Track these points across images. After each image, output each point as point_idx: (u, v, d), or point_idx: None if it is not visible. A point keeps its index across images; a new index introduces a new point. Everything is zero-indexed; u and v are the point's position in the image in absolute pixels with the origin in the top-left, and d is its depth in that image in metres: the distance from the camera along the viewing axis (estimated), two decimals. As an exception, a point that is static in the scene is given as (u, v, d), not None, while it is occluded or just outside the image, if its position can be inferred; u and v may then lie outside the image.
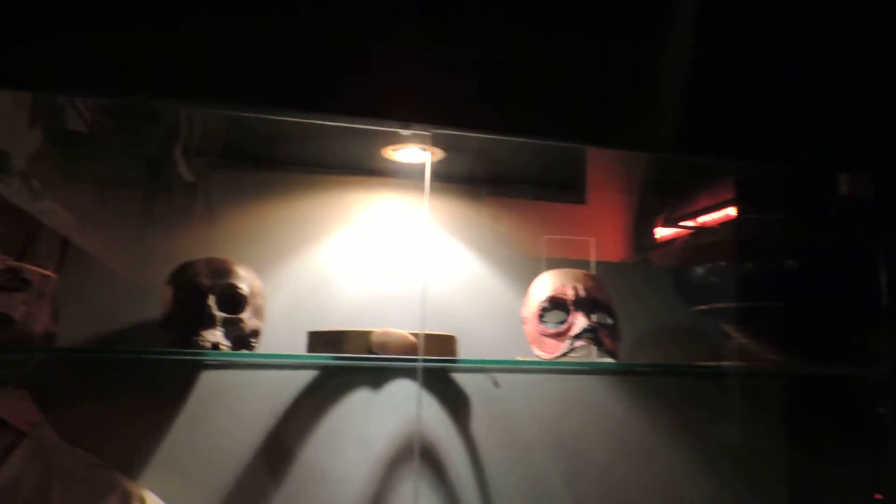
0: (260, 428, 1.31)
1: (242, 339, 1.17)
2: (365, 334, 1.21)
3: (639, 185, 1.66)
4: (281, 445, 1.31)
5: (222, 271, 1.17)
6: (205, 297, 1.14)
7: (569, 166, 1.54)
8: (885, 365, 1.30)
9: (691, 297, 1.48)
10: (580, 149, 1.39)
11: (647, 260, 1.65)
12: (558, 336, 1.25)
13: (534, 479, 1.43)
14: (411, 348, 1.20)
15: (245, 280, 1.19)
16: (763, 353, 1.40)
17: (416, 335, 1.21)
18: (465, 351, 1.32)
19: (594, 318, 1.26)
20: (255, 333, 1.20)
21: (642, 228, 1.65)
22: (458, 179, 1.47)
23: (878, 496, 1.34)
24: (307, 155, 1.37)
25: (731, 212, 1.51)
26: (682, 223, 1.61)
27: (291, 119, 1.11)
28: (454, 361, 1.23)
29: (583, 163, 1.55)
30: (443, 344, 1.25)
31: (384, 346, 1.20)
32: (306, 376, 1.35)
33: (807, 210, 1.45)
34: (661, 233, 1.64)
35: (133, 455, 1.24)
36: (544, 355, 1.26)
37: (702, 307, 1.43)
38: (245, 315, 1.17)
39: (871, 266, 1.35)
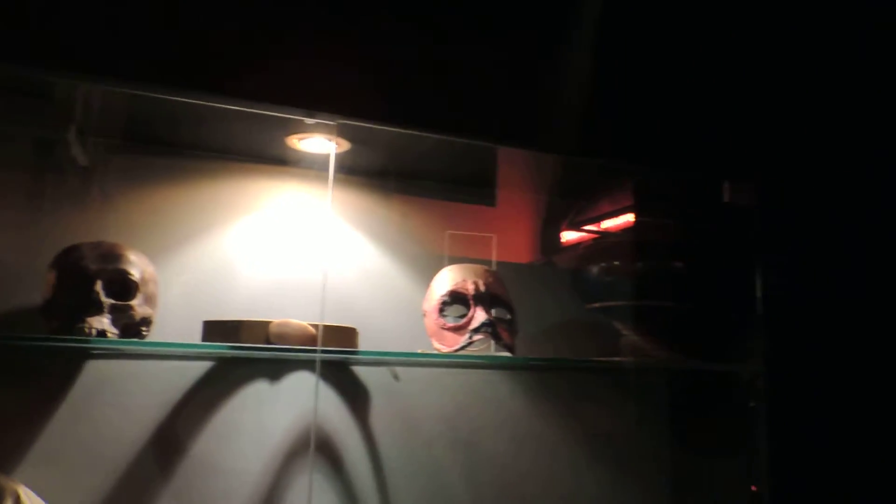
0: (148, 421, 1.26)
1: (132, 327, 1.13)
2: (263, 324, 1.19)
3: (546, 188, 1.70)
4: (171, 439, 1.27)
5: (111, 256, 1.12)
6: (91, 283, 1.09)
7: (478, 168, 1.56)
8: (758, 362, 1.40)
9: (587, 295, 1.54)
10: (490, 150, 1.42)
11: (551, 262, 1.70)
12: (458, 330, 1.27)
13: (432, 472, 1.44)
14: (310, 339, 1.19)
15: (136, 266, 1.14)
16: (651, 349, 1.48)
17: (315, 326, 1.20)
18: (366, 343, 1.33)
19: (493, 312, 1.29)
20: (146, 322, 1.16)
21: (548, 232, 1.70)
22: (364, 172, 1.46)
23: (754, 488, 1.44)
24: (209, 140, 1.33)
25: (630, 217, 1.58)
26: (585, 227, 1.67)
27: (194, 101, 1.07)
28: (353, 353, 1.23)
29: (493, 165, 1.58)
30: (343, 336, 1.25)
31: (283, 336, 1.18)
32: (200, 367, 1.31)
33: (695, 215, 1.54)
34: (566, 236, 1.69)
35: (8, 449, 1.17)
36: (444, 348, 1.28)
37: (596, 305, 1.49)
38: (135, 302, 1.13)
39: (750, 270, 1.45)
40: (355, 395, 1.41)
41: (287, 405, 1.35)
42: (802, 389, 1.42)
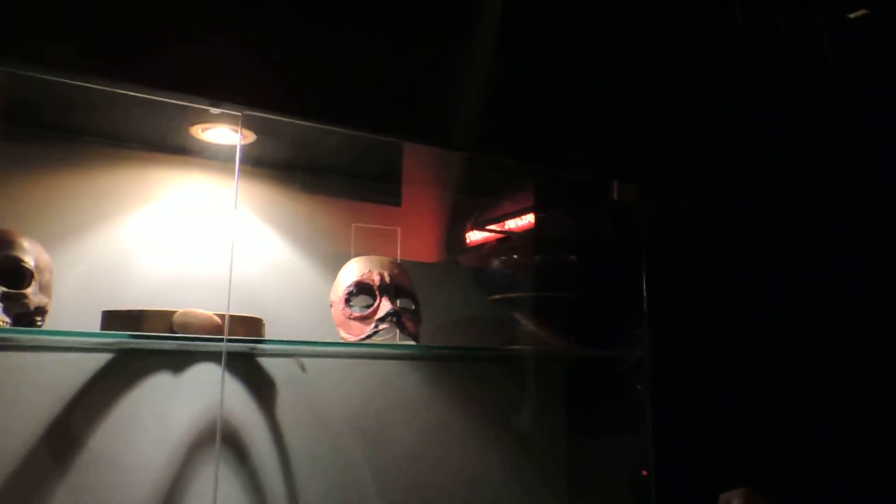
0: (43, 414, 1.22)
1: (25, 316, 1.09)
2: (166, 314, 1.18)
3: (451, 187, 1.76)
4: (67, 433, 1.23)
5: (4, 242, 1.08)
6: (-19, 270, 1.05)
7: (385, 166, 1.59)
8: (643, 348, 1.51)
9: (489, 288, 1.61)
10: (396, 147, 1.45)
11: (455, 261, 1.75)
12: (364, 319, 1.30)
13: (338, 463, 1.46)
14: (216, 329, 1.19)
15: (30, 253, 1.11)
16: (548, 338, 1.56)
17: (221, 316, 1.20)
18: (273, 335, 1.34)
19: (398, 303, 1.33)
20: (41, 311, 1.12)
21: (453, 231, 1.75)
22: (270, 165, 1.47)
23: (644, 472, 1.54)
24: (108, 127, 1.30)
25: (530, 217, 1.65)
26: (488, 227, 1.73)
27: (93, 86, 1.06)
28: (260, 342, 1.24)
29: (398, 166, 1.61)
30: (249, 326, 1.25)
31: (186, 326, 1.17)
32: (99, 359, 1.28)
33: (588, 212, 1.64)
34: (471, 236, 1.75)
35: None
36: (350, 338, 1.30)
37: (497, 297, 1.57)
38: (30, 290, 1.09)
39: (637, 263, 1.56)
40: (261, 387, 1.42)
41: (190, 397, 1.34)
42: (682, 372, 1.54)
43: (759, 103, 1.68)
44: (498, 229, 1.71)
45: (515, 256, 1.56)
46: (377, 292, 1.32)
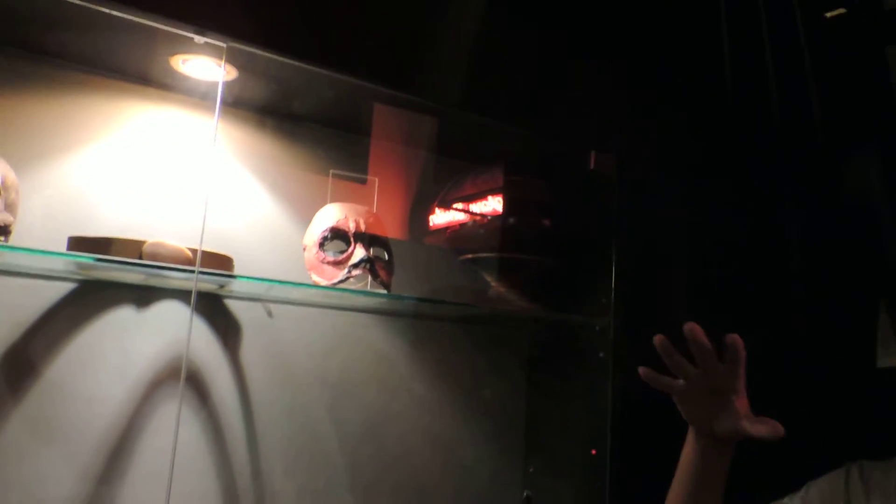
0: (-1, 339, 1.19)
1: (-11, 233, 1.06)
2: (135, 243, 1.15)
3: (428, 148, 1.73)
4: (25, 361, 1.20)
5: (-30, 155, 1.05)
6: (-55, 182, 1.01)
7: (363, 123, 1.57)
8: (609, 316, 1.54)
9: (459, 249, 1.61)
10: (376, 98, 1.44)
11: (426, 222, 1.74)
12: (337, 264, 1.30)
13: (300, 410, 1.46)
14: (186, 262, 1.17)
15: (-3, 169, 1.07)
16: (516, 300, 1.58)
17: (192, 251, 1.18)
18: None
19: (372, 251, 1.33)
20: (4, 230, 1.09)
21: (425, 193, 1.73)
22: (249, 106, 1.44)
23: (594, 451, 1.57)
24: (87, 50, 1.25)
25: (504, 180, 1.65)
26: (462, 188, 1.72)
27: (74, 2, 1.02)
28: (231, 276, 1.22)
29: (366, 146, 1.60)
30: (219, 263, 1.24)
31: (157, 256, 1.15)
32: (62, 288, 1.25)
33: (563, 179, 1.66)
34: (444, 197, 1.73)
35: None
36: (322, 281, 1.30)
37: (468, 256, 1.57)
38: (-6, 207, 1.06)
39: (607, 231, 1.58)
40: (227, 330, 1.40)
41: (154, 334, 1.32)
42: (646, 343, 1.57)
43: (737, 81, 1.72)
44: (472, 191, 1.70)
45: (488, 218, 1.56)
46: (352, 239, 1.31)
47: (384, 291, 1.33)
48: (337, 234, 1.32)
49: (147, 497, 1.28)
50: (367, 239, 1.32)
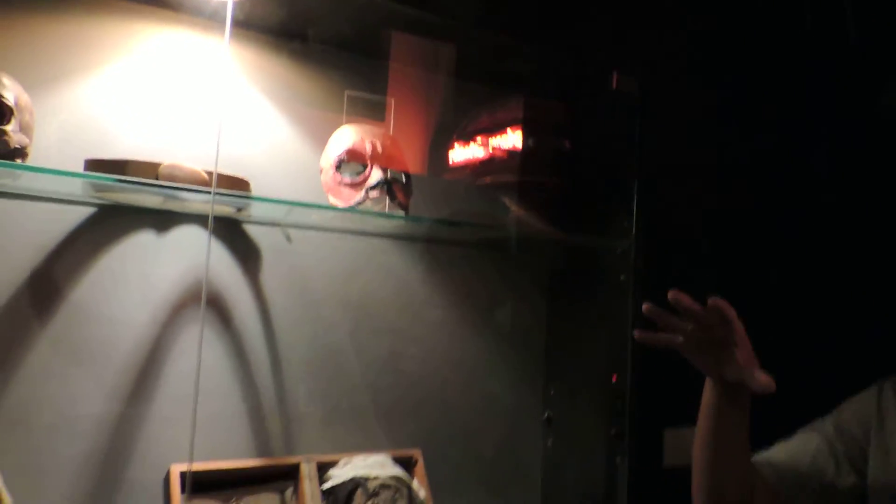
0: (23, 262, 1.20)
1: (6, 155, 1.05)
2: (152, 165, 1.15)
3: (445, 72, 1.68)
4: (47, 283, 1.22)
5: (-19, 75, 1.03)
6: (-42, 102, 1.00)
7: (379, 44, 1.53)
8: (629, 238, 1.52)
9: (480, 171, 1.59)
10: (395, 18, 1.39)
11: (445, 147, 1.71)
12: (354, 186, 1.29)
13: (321, 333, 1.48)
14: (202, 183, 1.16)
15: (10, 90, 1.06)
16: (536, 223, 1.56)
17: (208, 172, 1.18)
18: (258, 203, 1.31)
19: (389, 173, 1.31)
20: (21, 152, 1.09)
21: (444, 117, 1.69)
22: (261, 27, 1.40)
23: (615, 377, 1.57)
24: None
25: (524, 102, 1.60)
26: (482, 114, 1.67)
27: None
28: (248, 198, 1.22)
29: (382, 70, 1.55)
30: (236, 186, 1.23)
31: (173, 178, 1.15)
32: (82, 213, 1.25)
33: (584, 100, 1.61)
34: (457, 151, 1.69)
35: None
36: (340, 203, 1.29)
37: (487, 180, 1.55)
38: (9, 128, 1.05)
39: (629, 153, 1.55)
40: (246, 255, 1.41)
41: (174, 259, 1.33)
42: (667, 266, 1.56)
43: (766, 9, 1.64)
44: (490, 123, 1.66)
45: (508, 147, 1.53)
46: (368, 161, 1.29)
47: (402, 213, 1.32)
48: (353, 156, 1.30)
49: (175, 417, 1.31)
50: (383, 160, 1.30)
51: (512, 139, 1.58)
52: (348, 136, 1.32)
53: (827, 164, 1.74)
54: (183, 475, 1.24)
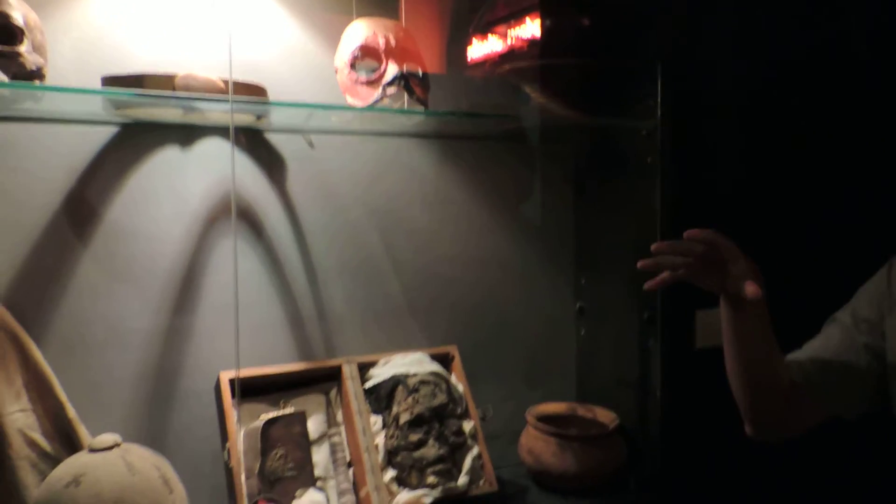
0: (57, 185, 1.23)
1: (24, 77, 1.05)
2: (167, 77, 1.14)
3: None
4: (82, 204, 1.25)
5: (-13, -5, 1.02)
6: (-31, 25, 1.00)
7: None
8: (654, 118, 1.48)
9: (498, 60, 1.55)
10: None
11: (463, 34, 1.65)
12: (370, 84, 1.27)
13: (351, 237, 1.50)
14: (218, 92, 1.16)
15: (17, 10, 1.05)
16: (558, 109, 1.53)
17: (224, 81, 1.17)
18: (276, 109, 1.30)
19: (406, 67, 1.28)
20: (38, 74, 1.08)
21: (455, 41, 1.64)
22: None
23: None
24: None
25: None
26: (493, 30, 1.61)
27: None
28: (266, 103, 1.21)
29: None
30: (252, 92, 1.22)
31: (189, 88, 1.14)
32: (106, 132, 1.26)
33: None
34: (475, 47, 1.64)
35: None
36: (358, 103, 1.28)
37: (507, 67, 1.51)
38: (23, 48, 1.05)
39: (653, 27, 1.49)
40: (271, 164, 1.41)
41: (201, 172, 1.34)
42: (694, 145, 1.53)
43: None
44: (506, 11, 1.60)
45: (526, 30, 1.48)
46: (383, 56, 1.27)
47: (421, 108, 1.30)
48: (367, 52, 1.27)
49: (218, 327, 1.36)
50: (398, 54, 1.27)
51: (531, 27, 1.53)
52: (360, 31, 1.29)
53: (868, 50, 1.67)
54: (232, 381, 1.29)
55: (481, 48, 1.59)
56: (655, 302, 1.51)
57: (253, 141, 1.39)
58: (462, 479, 1.31)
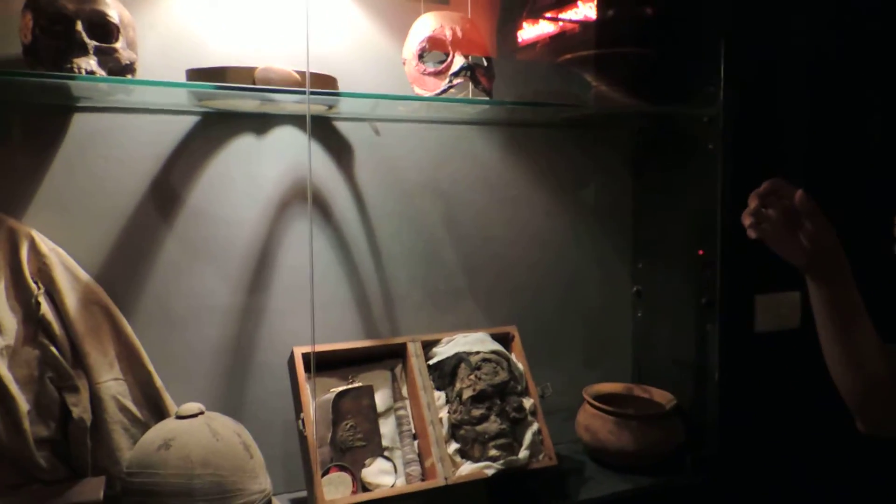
0: (142, 171, 1.31)
1: (118, 71, 1.13)
2: (248, 70, 1.21)
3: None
4: (166, 189, 1.33)
5: (85, -4, 1.10)
6: (72, 24, 1.08)
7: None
8: (716, 105, 1.48)
9: (559, 49, 1.57)
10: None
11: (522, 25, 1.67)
12: (437, 75, 1.31)
13: (416, 221, 1.55)
14: (296, 84, 1.22)
15: (112, 7, 1.13)
16: (620, 97, 1.55)
17: (300, 73, 1.23)
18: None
19: (471, 58, 1.32)
20: (131, 68, 1.16)
21: (508, 23, 1.65)
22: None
23: (701, 252, 1.57)
24: None
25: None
26: (546, 13, 1.63)
27: None
28: (340, 94, 1.27)
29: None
30: (325, 83, 1.28)
31: (268, 81, 1.21)
32: (188, 121, 1.34)
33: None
34: (526, 30, 1.66)
35: (14, 198, 1.22)
36: (425, 93, 1.32)
37: (568, 56, 1.53)
38: (119, 45, 1.13)
39: (716, 13, 1.48)
40: (339, 151, 1.47)
41: (275, 159, 1.41)
42: (756, 132, 1.52)
43: None
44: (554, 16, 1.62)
45: (579, 13, 1.49)
46: (450, 47, 1.31)
47: (486, 98, 1.34)
48: (434, 44, 1.31)
49: (290, 305, 1.44)
50: (465, 46, 1.31)
51: (584, 10, 1.54)
52: (428, 24, 1.33)
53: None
54: (306, 356, 1.36)
55: (533, 31, 1.61)
56: (714, 287, 1.52)
57: (322, 128, 1.45)
58: (523, 453, 1.36)
